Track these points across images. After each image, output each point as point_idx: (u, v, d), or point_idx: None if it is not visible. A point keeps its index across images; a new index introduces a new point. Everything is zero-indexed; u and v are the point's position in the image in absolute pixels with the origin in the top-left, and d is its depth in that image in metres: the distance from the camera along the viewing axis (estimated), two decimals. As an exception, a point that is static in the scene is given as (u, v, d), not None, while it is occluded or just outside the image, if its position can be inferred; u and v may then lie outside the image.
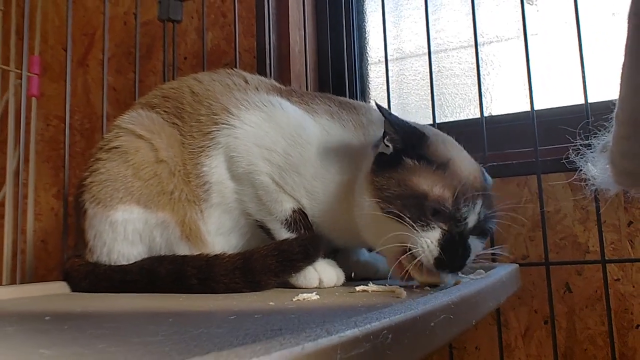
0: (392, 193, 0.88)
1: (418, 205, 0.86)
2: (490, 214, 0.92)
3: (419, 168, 0.90)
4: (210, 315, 0.65)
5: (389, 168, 0.91)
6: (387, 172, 0.91)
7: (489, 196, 0.94)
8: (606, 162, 0.70)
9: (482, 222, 0.90)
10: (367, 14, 1.83)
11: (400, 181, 0.89)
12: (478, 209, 0.88)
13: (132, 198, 1.01)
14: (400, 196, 0.87)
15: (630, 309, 1.28)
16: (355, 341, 0.36)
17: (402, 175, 0.89)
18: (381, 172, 0.91)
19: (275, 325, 0.51)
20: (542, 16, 1.58)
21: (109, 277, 1.00)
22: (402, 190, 0.88)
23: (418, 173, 0.89)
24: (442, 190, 0.87)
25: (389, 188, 0.89)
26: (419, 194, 0.86)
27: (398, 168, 0.90)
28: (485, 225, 0.91)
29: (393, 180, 0.89)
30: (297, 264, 0.91)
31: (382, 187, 0.90)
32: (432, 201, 0.86)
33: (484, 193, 0.91)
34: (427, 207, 0.86)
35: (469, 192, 0.88)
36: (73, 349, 0.42)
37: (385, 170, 0.91)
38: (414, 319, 0.46)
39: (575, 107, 1.40)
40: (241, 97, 1.07)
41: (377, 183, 0.91)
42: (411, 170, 0.90)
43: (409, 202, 0.86)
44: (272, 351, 0.29)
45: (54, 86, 1.97)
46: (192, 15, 1.78)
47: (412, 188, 0.87)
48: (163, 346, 0.43)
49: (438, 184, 0.87)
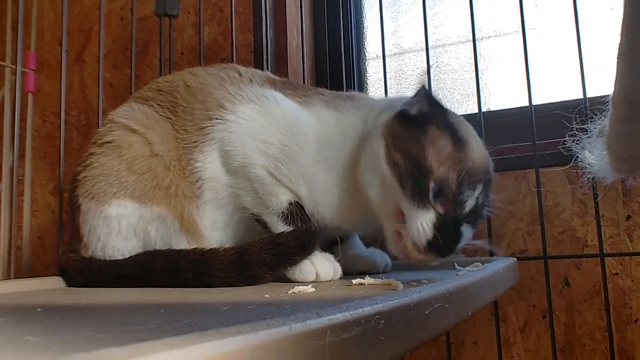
0: (404, 147, 0.89)
1: (421, 179, 0.86)
2: (486, 201, 0.92)
3: (438, 138, 0.90)
4: (204, 306, 0.65)
5: (411, 124, 0.92)
6: (409, 127, 0.91)
7: (489, 183, 0.94)
8: (603, 148, 0.70)
9: (478, 208, 0.90)
10: (365, 9, 1.82)
11: (417, 139, 0.89)
12: (477, 193, 0.89)
13: (126, 193, 1.00)
14: (409, 156, 0.88)
15: (629, 303, 1.28)
16: (345, 324, 0.35)
17: (421, 135, 0.90)
18: (403, 123, 0.92)
19: (268, 315, 0.50)
20: (541, 11, 1.57)
21: (104, 272, 0.99)
22: (413, 150, 0.88)
23: (435, 142, 0.89)
24: (448, 170, 0.87)
25: (403, 139, 0.90)
26: (426, 169, 0.87)
27: (420, 128, 0.91)
28: (479, 212, 0.91)
29: (410, 134, 0.90)
30: (293, 257, 0.90)
31: (397, 135, 0.91)
32: (437, 179, 0.86)
33: (486, 180, 0.92)
34: (429, 184, 0.86)
35: (474, 176, 0.88)
36: (60, 337, 0.42)
37: (406, 125, 0.92)
38: (408, 306, 0.45)
39: (574, 102, 1.39)
40: (235, 90, 1.06)
41: (395, 130, 0.92)
42: (433, 138, 0.90)
43: (414, 171, 0.87)
44: (259, 330, 0.28)
45: (51, 82, 1.96)
46: (189, 11, 1.77)
47: (424, 155, 0.87)
48: (151, 333, 0.42)
49: (448, 161, 0.88)
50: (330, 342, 0.33)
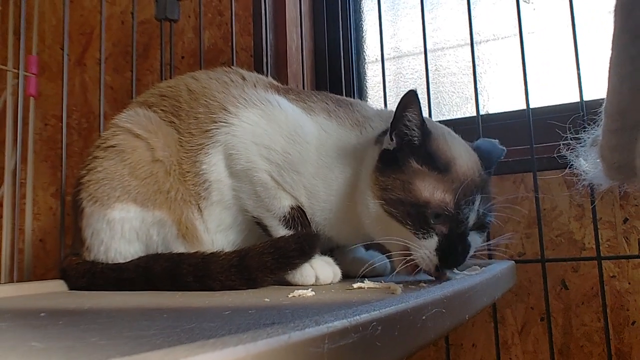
0: (396, 196, 0.90)
1: (420, 213, 0.88)
2: (488, 208, 0.93)
3: (422, 171, 0.91)
4: (205, 311, 0.66)
5: (394, 167, 0.92)
6: (391, 172, 0.92)
7: (487, 190, 0.95)
8: (597, 157, 0.71)
9: (482, 217, 0.92)
10: (364, 13, 1.83)
11: (405, 184, 0.90)
12: (477, 205, 0.90)
13: (129, 197, 1.01)
14: (403, 202, 0.89)
15: (626, 305, 1.28)
16: (343, 332, 0.36)
17: (406, 177, 0.90)
18: (386, 171, 0.92)
19: (268, 320, 0.51)
20: (538, 15, 1.58)
21: (106, 275, 1.00)
22: (405, 195, 0.89)
23: (421, 177, 0.90)
24: (443, 195, 0.88)
25: (393, 190, 0.90)
26: (421, 203, 0.88)
27: (403, 168, 0.91)
28: (485, 219, 0.93)
29: (398, 182, 0.90)
30: (293, 261, 0.91)
31: (387, 188, 0.91)
32: (435, 207, 0.87)
33: (483, 187, 0.93)
34: (429, 214, 0.88)
35: (469, 192, 0.89)
36: (65, 343, 0.43)
37: (390, 169, 0.92)
38: (405, 312, 0.46)
39: (571, 105, 1.40)
40: (239, 94, 1.07)
41: (382, 183, 0.92)
42: (415, 173, 0.90)
43: (412, 210, 0.88)
44: (259, 339, 0.29)
45: (52, 86, 1.97)
46: (189, 14, 1.78)
47: (415, 195, 0.88)
48: (155, 339, 0.43)
49: (440, 188, 0.89)
50: (328, 349, 0.34)
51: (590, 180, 0.81)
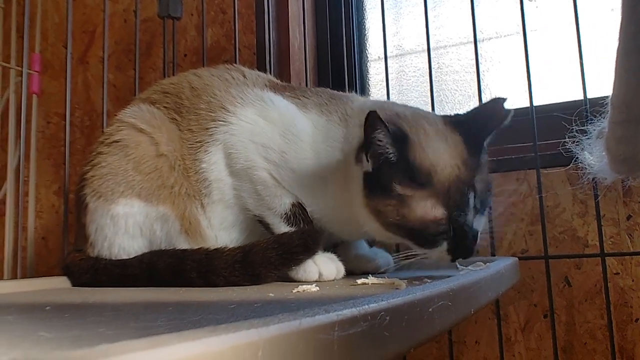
0: (392, 221, 0.91)
1: (420, 234, 0.90)
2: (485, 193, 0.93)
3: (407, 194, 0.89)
4: (210, 305, 0.66)
5: (380, 191, 0.91)
6: (380, 197, 0.91)
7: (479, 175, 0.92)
8: (602, 149, 0.71)
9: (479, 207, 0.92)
10: (367, 11, 1.83)
11: (398, 209, 0.90)
12: (472, 204, 0.90)
13: (133, 192, 1.01)
14: (400, 227, 0.90)
15: (629, 302, 1.28)
16: (352, 320, 0.36)
17: (396, 202, 0.90)
18: (375, 197, 0.92)
19: (274, 312, 0.52)
20: (541, 12, 1.58)
21: (110, 272, 1.00)
22: (401, 220, 0.90)
23: (409, 199, 0.89)
24: (434, 211, 0.88)
25: (388, 215, 0.90)
26: (418, 227, 0.89)
27: (389, 191, 0.90)
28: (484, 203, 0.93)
29: (390, 207, 0.90)
30: (297, 257, 0.91)
31: (381, 213, 0.91)
32: (431, 227, 0.89)
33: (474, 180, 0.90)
34: (429, 233, 0.89)
35: (460, 196, 0.88)
36: (73, 333, 0.43)
37: (377, 193, 0.92)
38: (412, 303, 0.46)
39: (574, 103, 1.40)
40: (237, 93, 1.07)
41: (374, 208, 0.92)
42: (402, 197, 0.89)
43: (411, 232, 0.90)
44: (270, 324, 0.29)
45: (54, 83, 1.97)
46: (192, 12, 1.79)
47: (411, 220, 0.89)
48: (162, 330, 0.43)
49: (428, 204, 0.88)
50: (338, 336, 0.34)
51: (595, 174, 0.82)
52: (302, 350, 0.31)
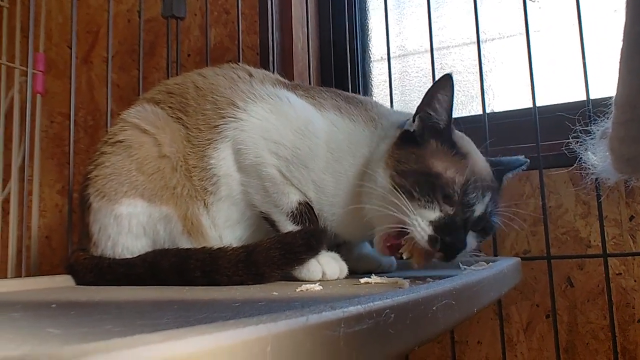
0: (409, 168, 0.92)
1: (429, 183, 0.89)
2: (496, 211, 0.96)
3: (440, 150, 0.94)
4: (215, 303, 0.66)
5: (412, 144, 0.95)
6: (409, 147, 0.95)
7: (497, 193, 0.98)
8: (606, 150, 0.71)
9: (488, 217, 0.93)
10: (370, 11, 1.84)
11: (420, 158, 0.92)
12: (487, 200, 0.92)
13: (136, 192, 1.02)
14: (415, 172, 0.91)
15: (632, 303, 1.29)
16: (358, 317, 0.37)
17: (423, 152, 0.93)
18: (403, 147, 0.95)
19: (280, 310, 0.52)
20: (544, 13, 1.58)
21: (113, 271, 1.00)
22: (418, 166, 0.91)
23: (437, 155, 0.93)
24: (455, 174, 0.90)
25: (407, 162, 0.92)
26: (432, 173, 0.90)
27: (420, 146, 0.94)
28: (489, 221, 0.95)
29: (413, 156, 0.93)
30: (300, 256, 0.91)
31: (401, 159, 0.93)
32: (444, 182, 0.89)
33: (493, 189, 0.95)
34: (437, 187, 0.89)
35: (480, 183, 0.92)
36: (80, 329, 0.43)
37: (407, 145, 0.95)
38: (416, 301, 0.47)
39: (577, 104, 1.40)
40: (247, 89, 1.08)
41: (397, 155, 0.94)
42: (432, 151, 0.94)
43: (421, 179, 0.90)
44: (278, 320, 0.30)
45: (58, 83, 1.98)
46: (196, 12, 1.79)
47: (428, 166, 0.91)
48: (168, 327, 0.43)
49: (453, 167, 0.91)
50: (344, 333, 0.34)
51: (598, 174, 0.82)
52: (309, 346, 0.31)
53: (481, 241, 0.98)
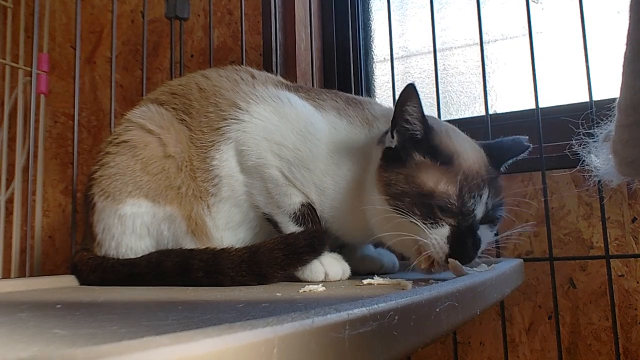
0: (401, 190, 0.90)
1: (425, 203, 0.88)
2: (498, 202, 0.94)
3: (424, 163, 0.92)
4: (219, 304, 0.66)
5: (397, 163, 0.93)
6: (395, 168, 0.93)
7: (495, 184, 0.95)
8: (609, 152, 0.71)
9: (491, 211, 0.93)
10: (373, 12, 1.84)
11: (408, 177, 0.91)
12: (485, 199, 0.91)
13: (140, 192, 1.02)
14: (408, 194, 0.90)
15: (634, 304, 1.29)
16: (362, 319, 0.37)
17: (409, 171, 0.91)
18: (389, 168, 0.93)
19: (283, 312, 0.52)
20: (547, 14, 1.58)
21: (117, 270, 1.01)
22: (409, 187, 0.90)
23: (424, 169, 0.91)
24: (446, 187, 0.89)
25: (397, 184, 0.91)
26: (425, 193, 0.89)
27: (406, 163, 0.93)
28: (495, 213, 0.94)
29: (401, 176, 0.91)
30: (303, 257, 0.92)
31: (391, 183, 0.92)
32: (438, 199, 0.88)
33: (491, 182, 0.93)
34: (434, 205, 0.88)
35: (474, 184, 0.90)
36: (86, 330, 0.44)
37: (393, 165, 0.93)
38: (420, 304, 0.47)
39: (580, 105, 1.40)
40: (249, 91, 1.08)
41: (386, 179, 0.93)
42: (418, 165, 0.92)
43: (417, 201, 0.89)
44: (284, 322, 0.30)
45: (62, 83, 1.99)
46: (199, 13, 1.80)
47: (419, 186, 0.89)
48: (174, 328, 0.44)
49: (443, 179, 0.89)
50: (348, 335, 0.35)
51: (601, 177, 0.82)
52: (314, 348, 0.31)
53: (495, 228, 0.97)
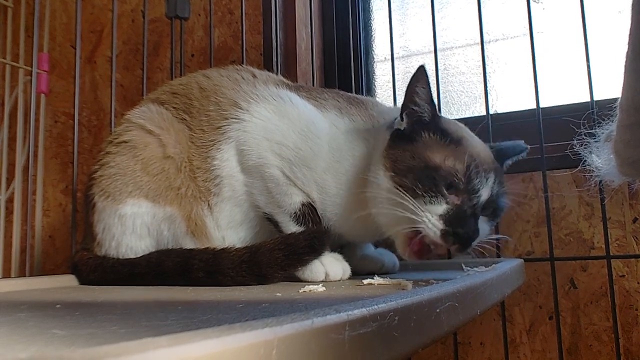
0: (406, 165, 0.91)
1: (430, 177, 0.88)
2: (502, 191, 0.95)
3: (433, 141, 0.93)
4: (219, 304, 0.66)
5: (405, 142, 0.95)
6: (402, 146, 0.94)
7: (501, 173, 0.97)
8: (610, 152, 0.71)
9: (495, 199, 0.93)
10: (373, 12, 1.84)
11: (415, 154, 0.92)
12: (491, 183, 0.92)
13: (140, 192, 1.02)
14: (413, 169, 0.90)
15: (635, 305, 1.28)
16: (362, 320, 0.37)
17: (416, 148, 0.93)
18: (397, 146, 0.95)
19: (283, 312, 0.52)
20: (548, 14, 1.58)
21: (117, 270, 1.01)
22: (416, 162, 0.91)
23: (432, 146, 0.92)
24: (454, 163, 0.90)
25: (404, 160, 0.92)
26: (431, 166, 0.89)
27: (413, 142, 0.94)
28: (497, 203, 0.94)
29: (408, 153, 0.92)
30: (303, 257, 0.92)
31: (397, 159, 0.93)
32: (445, 173, 0.88)
33: (497, 170, 0.95)
34: (439, 179, 0.88)
35: (482, 166, 0.91)
36: (85, 330, 0.43)
37: (401, 144, 0.95)
38: (420, 304, 0.47)
39: (581, 105, 1.40)
40: (250, 90, 1.08)
41: (392, 156, 0.94)
42: (426, 143, 0.93)
43: (422, 175, 0.89)
44: (284, 323, 0.30)
45: (62, 83, 1.98)
46: (199, 13, 1.79)
47: (426, 160, 0.90)
48: (174, 328, 0.44)
49: (451, 156, 0.90)
50: (348, 336, 0.35)
51: (603, 177, 0.82)
52: (314, 349, 0.31)
53: (493, 225, 0.98)
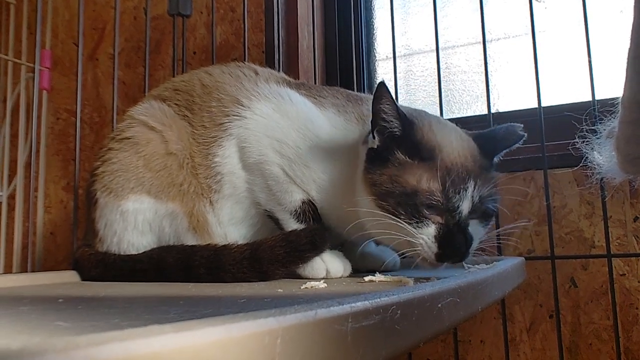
0: (385, 190, 0.89)
1: (410, 202, 0.87)
2: (487, 195, 0.91)
3: (406, 162, 0.90)
4: (220, 299, 0.67)
5: (380, 163, 0.92)
6: (378, 168, 0.91)
7: (485, 176, 0.92)
8: (612, 149, 0.71)
9: (479, 205, 0.90)
10: (375, 10, 1.84)
11: (392, 177, 0.89)
12: (470, 192, 0.88)
13: (142, 188, 1.02)
14: (392, 194, 0.88)
15: (635, 303, 1.29)
16: (365, 312, 0.37)
17: (392, 171, 0.90)
18: (373, 169, 0.92)
19: (286, 305, 0.52)
20: (550, 13, 1.58)
21: (119, 266, 1.01)
22: (393, 187, 0.88)
23: (406, 168, 0.90)
24: (429, 184, 0.87)
25: (382, 185, 0.90)
26: (409, 192, 0.87)
27: (388, 163, 0.91)
28: (485, 207, 0.91)
29: (385, 177, 0.90)
30: (304, 254, 0.92)
31: (376, 183, 0.90)
32: (423, 197, 0.86)
33: (478, 173, 0.90)
34: (419, 204, 0.86)
35: (458, 179, 0.87)
36: (88, 322, 0.44)
37: (377, 166, 0.92)
38: (422, 299, 0.47)
39: (582, 104, 1.40)
40: (251, 87, 1.08)
41: (371, 180, 0.91)
42: (400, 165, 0.90)
43: (401, 200, 0.87)
44: (288, 313, 0.30)
45: (64, 80, 1.99)
46: (202, 10, 1.80)
47: (402, 185, 0.88)
48: (177, 321, 0.44)
49: (424, 176, 0.88)
50: (351, 328, 0.35)
51: (604, 174, 0.82)
52: (317, 339, 0.32)
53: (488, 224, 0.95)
